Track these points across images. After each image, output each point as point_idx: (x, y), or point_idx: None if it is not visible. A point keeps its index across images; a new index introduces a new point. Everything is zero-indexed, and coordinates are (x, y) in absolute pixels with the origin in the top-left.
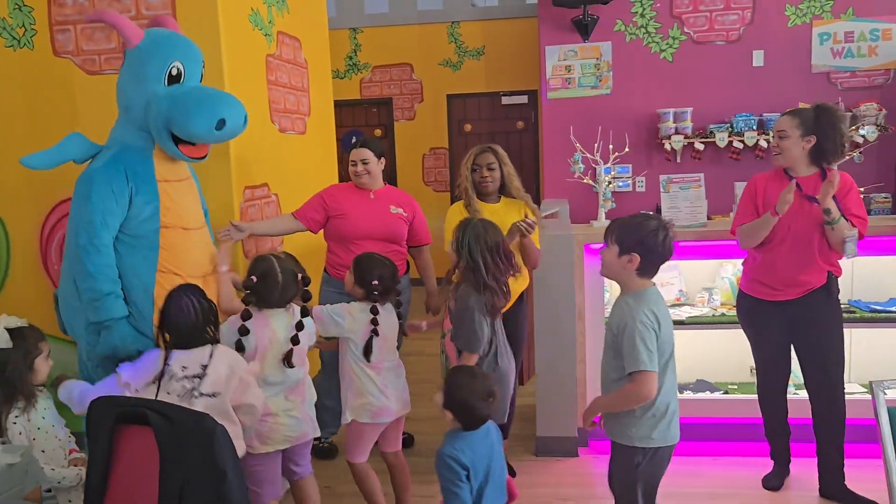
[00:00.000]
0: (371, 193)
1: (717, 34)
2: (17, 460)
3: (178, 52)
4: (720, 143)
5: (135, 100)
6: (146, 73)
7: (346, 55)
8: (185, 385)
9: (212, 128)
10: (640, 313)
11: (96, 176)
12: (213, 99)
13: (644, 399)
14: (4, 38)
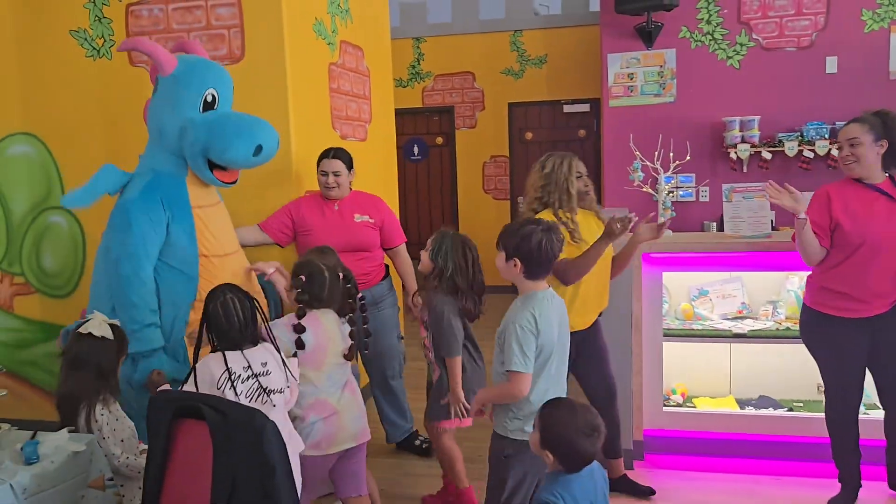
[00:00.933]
0: (335, 204)
1: (787, 40)
2: (82, 448)
3: (212, 79)
4: (789, 152)
5: (169, 126)
6: (182, 99)
7: (408, 64)
8: (253, 385)
9: (249, 154)
10: (521, 316)
11: (133, 207)
12: (251, 125)
13: (515, 397)
14: (85, 49)
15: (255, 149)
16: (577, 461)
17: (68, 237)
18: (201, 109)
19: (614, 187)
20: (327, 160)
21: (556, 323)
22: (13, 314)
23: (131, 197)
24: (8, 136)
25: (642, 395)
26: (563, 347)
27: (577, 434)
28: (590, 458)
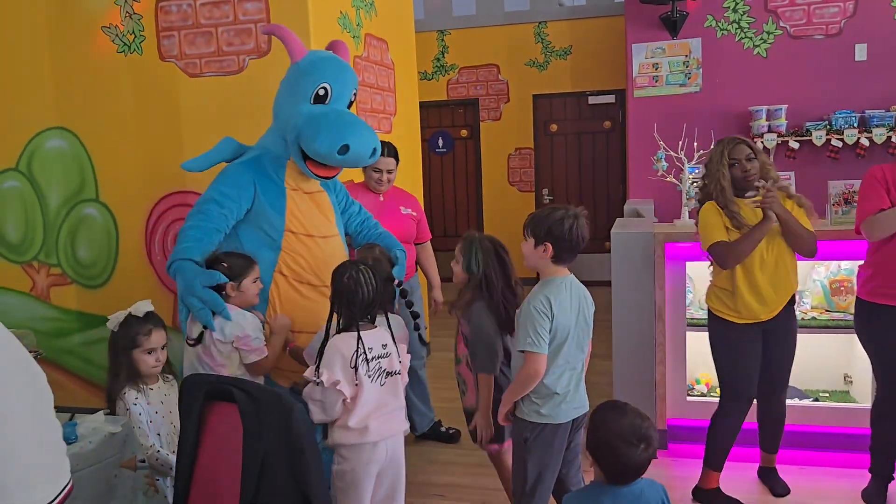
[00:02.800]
0: (381, 196)
1: (815, 28)
2: (118, 430)
3: (328, 74)
4: (817, 141)
5: (283, 110)
6: (297, 88)
7: (433, 57)
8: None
9: (334, 151)
10: (536, 299)
11: (230, 169)
12: (343, 124)
13: (531, 377)
14: (116, 45)
15: (341, 147)
16: (618, 471)
17: (102, 229)
18: (312, 101)
19: (640, 178)
20: (381, 158)
21: (573, 308)
22: (50, 304)
23: (235, 162)
24: (43, 131)
25: (666, 385)
26: (582, 333)
27: (621, 440)
28: (634, 469)
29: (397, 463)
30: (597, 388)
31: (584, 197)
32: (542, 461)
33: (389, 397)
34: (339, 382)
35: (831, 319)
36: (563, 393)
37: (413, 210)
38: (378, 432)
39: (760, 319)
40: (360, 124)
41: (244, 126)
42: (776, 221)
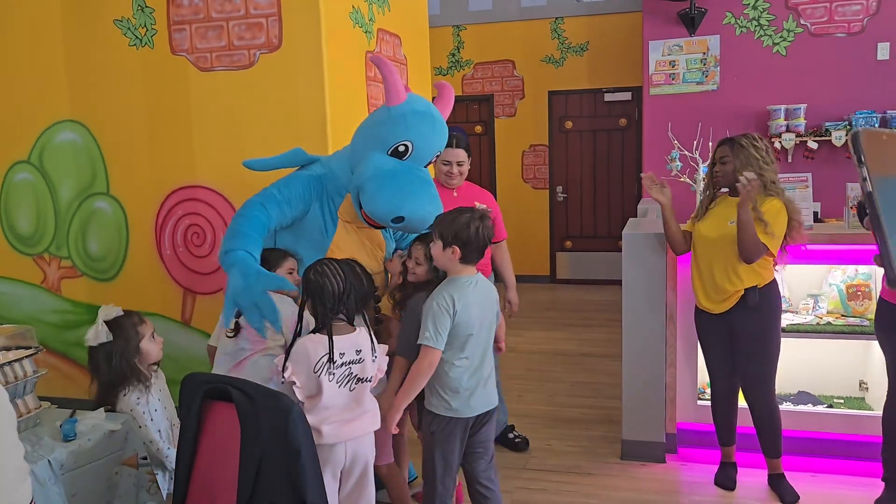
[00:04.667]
0: (454, 191)
1: (837, 26)
2: (118, 427)
3: (415, 133)
4: (836, 141)
5: (358, 147)
6: (379, 134)
7: (448, 52)
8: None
9: (388, 218)
10: (440, 295)
11: (301, 177)
12: (407, 193)
13: (425, 371)
14: (128, 38)
15: (396, 217)
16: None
17: (113, 222)
18: (389, 152)
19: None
20: (450, 149)
21: (478, 306)
22: (60, 296)
23: (305, 173)
24: (55, 124)
25: (676, 388)
26: (486, 330)
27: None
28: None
29: (361, 464)
30: (605, 388)
31: (598, 194)
32: (447, 452)
33: (353, 403)
34: (295, 384)
35: (847, 325)
36: (470, 388)
37: (489, 206)
38: (333, 435)
39: (711, 310)
40: (425, 194)
41: (254, 120)
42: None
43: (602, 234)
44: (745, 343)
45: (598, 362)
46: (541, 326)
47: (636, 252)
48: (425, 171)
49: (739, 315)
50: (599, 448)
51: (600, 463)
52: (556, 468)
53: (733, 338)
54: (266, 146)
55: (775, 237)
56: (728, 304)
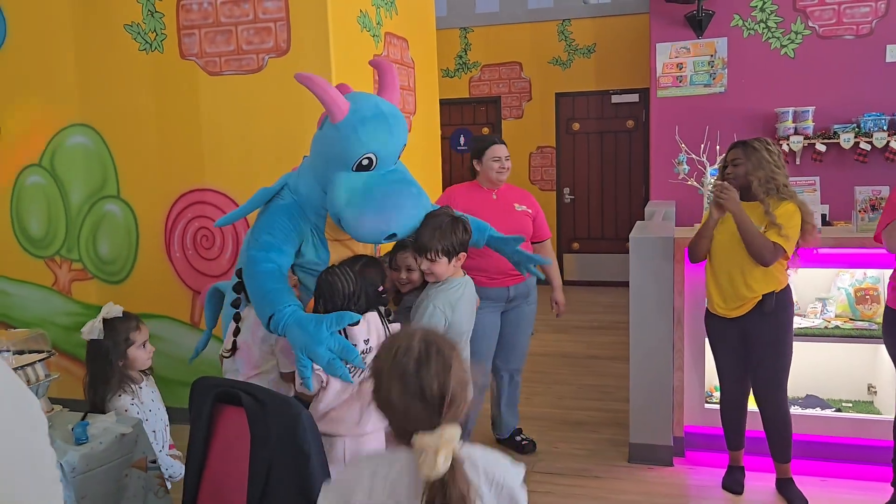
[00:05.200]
0: (493, 193)
1: (845, 28)
2: (129, 431)
3: (375, 143)
4: (845, 144)
5: (320, 165)
6: (337, 153)
7: (455, 54)
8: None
9: (379, 239)
10: (438, 298)
11: (280, 209)
12: (389, 208)
13: None
14: (138, 42)
15: (388, 236)
16: None
17: (123, 226)
18: (354, 169)
19: (662, 180)
20: (497, 146)
21: (468, 305)
22: (71, 298)
23: (281, 203)
24: (66, 128)
25: (684, 392)
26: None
27: None
28: None
29: None
30: (613, 391)
31: (605, 196)
32: None
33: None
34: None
35: (855, 328)
36: None
37: (528, 207)
38: (332, 428)
39: (726, 315)
40: (407, 201)
41: (263, 124)
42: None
43: (609, 235)
44: (759, 347)
45: (606, 365)
46: (548, 328)
47: (644, 255)
48: (398, 171)
49: (754, 320)
50: (607, 451)
51: (608, 466)
52: (564, 471)
53: (747, 342)
54: (274, 150)
55: (790, 239)
56: (744, 309)
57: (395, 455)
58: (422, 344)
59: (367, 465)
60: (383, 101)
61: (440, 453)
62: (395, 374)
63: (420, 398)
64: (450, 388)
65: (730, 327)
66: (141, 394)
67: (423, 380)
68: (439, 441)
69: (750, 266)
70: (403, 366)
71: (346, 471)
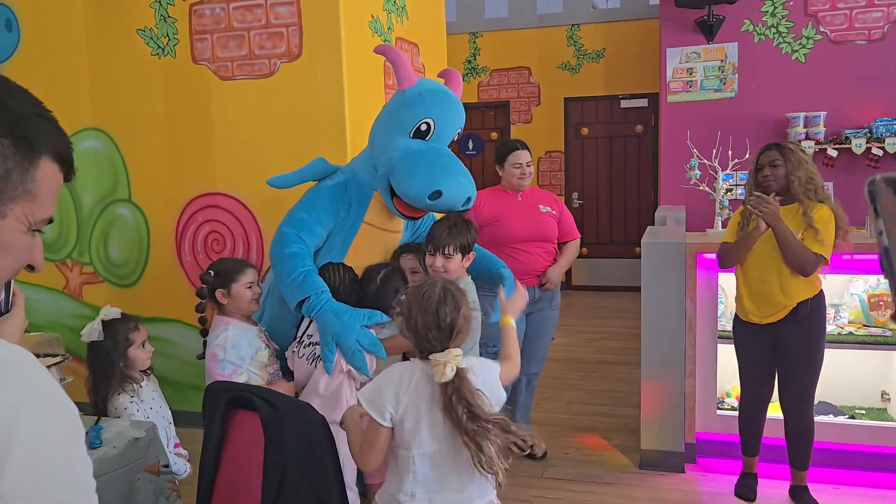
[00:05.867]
0: (518, 196)
1: (857, 33)
2: (142, 435)
3: (434, 110)
4: (857, 149)
5: (379, 139)
6: (399, 118)
7: (465, 59)
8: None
9: (425, 195)
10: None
11: (325, 190)
12: (440, 167)
13: None
14: (151, 47)
15: (433, 193)
16: None
17: (134, 229)
18: (412, 135)
19: (672, 184)
20: (518, 152)
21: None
22: (82, 301)
23: (327, 184)
24: (78, 132)
25: (695, 398)
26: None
27: None
28: None
29: None
30: (623, 397)
31: (614, 201)
32: None
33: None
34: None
35: (869, 335)
36: None
37: (552, 208)
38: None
39: (759, 322)
40: (458, 170)
41: (275, 128)
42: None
43: (618, 240)
44: (791, 354)
45: (615, 370)
46: (557, 333)
47: (655, 261)
48: (451, 151)
49: (788, 326)
50: (618, 457)
51: (619, 472)
52: (575, 477)
53: (778, 349)
54: (286, 154)
55: (827, 245)
56: (778, 315)
57: (414, 366)
58: (441, 290)
59: (395, 371)
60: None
61: (448, 366)
62: (421, 309)
63: (437, 328)
64: (458, 322)
65: (761, 334)
66: (142, 393)
67: (440, 315)
68: (448, 357)
69: (786, 274)
70: (427, 304)
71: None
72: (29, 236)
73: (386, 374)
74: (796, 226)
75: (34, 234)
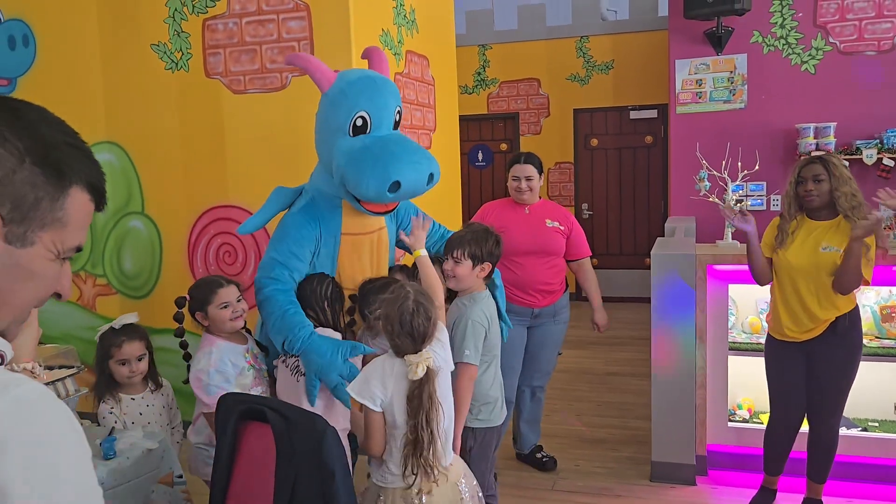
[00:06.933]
0: (526, 208)
1: (867, 44)
2: (155, 446)
3: (363, 101)
4: (868, 160)
5: (323, 147)
6: (331, 122)
7: (474, 71)
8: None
9: (383, 191)
10: (475, 312)
11: (290, 219)
12: (388, 157)
13: (468, 387)
14: (164, 62)
15: (391, 185)
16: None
17: (147, 241)
18: (351, 133)
19: (682, 196)
20: (519, 165)
21: (495, 319)
22: (95, 313)
23: (292, 211)
24: (93, 145)
25: (706, 410)
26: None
27: None
28: None
29: None
30: (633, 408)
31: (624, 212)
32: (486, 464)
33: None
34: None
35: (882, 347)
36: (498, 397)
37: (560, 223)
38: None
39: (795, 339)
40: (408, 152)
41: (286, 142)
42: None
43: (628, 251)
44: (825, 370)
45: (625, 381)
46: (567, 345)
47: (665, 272)
48: (396, 134)
49: (826, 342)
50: (628, 469)
51: (629, 485)
52: (585, 489)
53: (812, 365)
54: (297, 167)
55: (870, 265)
56: (816, 331)
57: (394, 361)
58: (414, 303)
59: (380, 363)
60: (369, 70)
61: (419, 365)
62: (397, 320)
63: (410, 337)
64: (429, 330)
65: (797, 351)
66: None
67: (414, 326)
68: (420, 359)
69: (827, 289)
70: (402, 315)
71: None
72: (57, 264)
73: (371, 367)
74: (838, 242)
75: (63, 262)
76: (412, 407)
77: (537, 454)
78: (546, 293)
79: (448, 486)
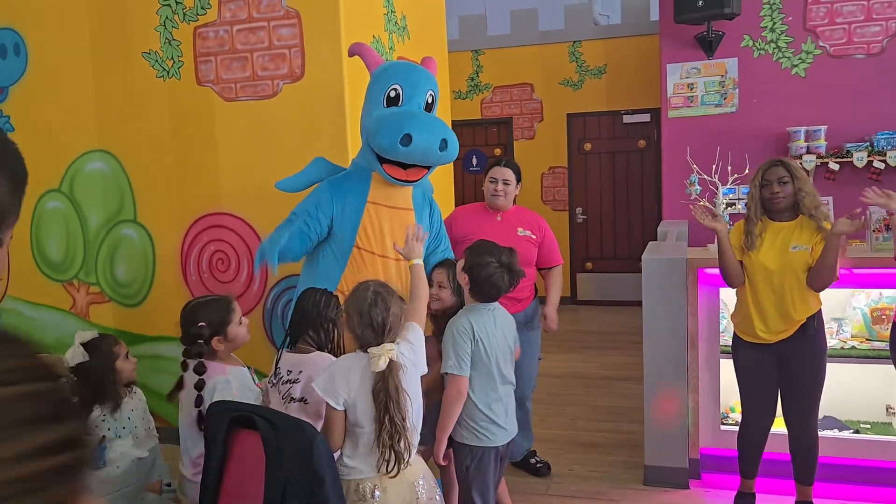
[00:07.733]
0: (498, 215)
1: (856, 47)
2: (145, 455)
3: (399, 77)
4: (858, 162)
5: (363, 121)
6: (371, 96)
7: (467, 76)
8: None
9: (396, 142)
10: (458, 322)
11: (322, 186)
12: (409, 117)
13: (455, 399)
14: (156, 70)
15: (403, 138)
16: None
17: (139, 249)
18: (385, 104)
19: (674, 200)
20: (498, 168)
21: (496, 332)
22: (89, 321)
23: (322, 183)
24: (85, 154)
25: (699, 413)
26: (505, 355)
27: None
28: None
29: None
30: (627, 412)
31: (618, 216)
32: (484, 484)
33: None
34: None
35: (872, 349)
36: (498, 416)
37: (532, 232)
38: None
39: (767, 341)
40: (427, 118)
41: (278, 149)
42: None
43: (622, 255)
44: (797, 370)
45: (619, 385)
46: (560, 349)
47: (656, 276)
48: (426, 112)
49: (796, 343)
50: (622, 473)
51: (623, 489)
52: (579, 494)
53: (783, 367)
54: (289, 173)
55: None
56: (788, 332)
57: (358, 357)
58: (373, 294)
59: (345, 362)
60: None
61: (381, 358)
62: (356, 311)
63: (371, 328)
64: (389, 321)
65: (766, 353)
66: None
67: (372, 316)
68: (382, 351)
69: (802, 290)
70: (360, 306)
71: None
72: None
73: (337, 365)
74: (806, 241)
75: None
76: (378, 401)
77: (531, 459)
78: (515, 300)
79: (405, 486)
